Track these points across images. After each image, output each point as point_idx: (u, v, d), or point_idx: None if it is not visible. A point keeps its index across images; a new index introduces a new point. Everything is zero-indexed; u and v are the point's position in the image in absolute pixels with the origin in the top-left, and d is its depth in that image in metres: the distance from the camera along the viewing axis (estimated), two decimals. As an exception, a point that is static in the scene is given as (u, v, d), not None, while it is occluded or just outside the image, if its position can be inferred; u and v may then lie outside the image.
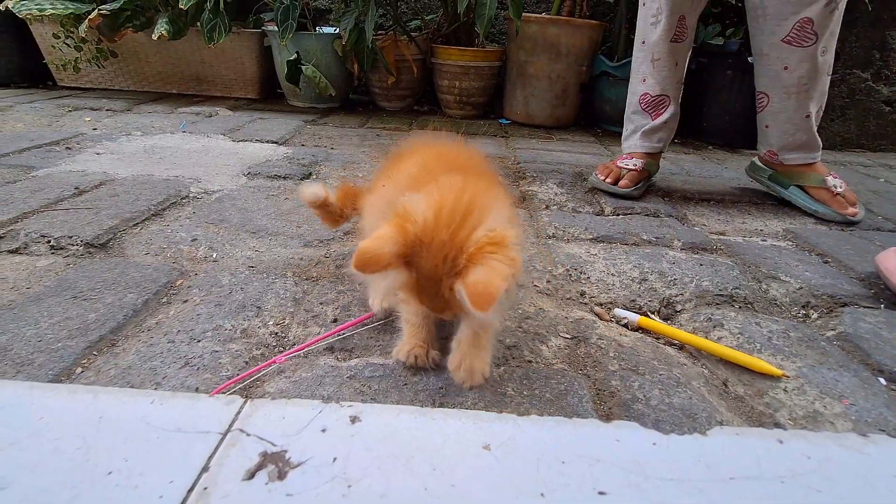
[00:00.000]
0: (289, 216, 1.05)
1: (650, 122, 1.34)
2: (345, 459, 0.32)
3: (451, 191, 0.49)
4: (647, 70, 1.30)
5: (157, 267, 0.81)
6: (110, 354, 0.60)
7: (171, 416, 0.35)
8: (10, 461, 0.31)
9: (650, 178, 1.39)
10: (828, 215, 1.25)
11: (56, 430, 0.33)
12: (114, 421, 0.35)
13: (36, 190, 1.08)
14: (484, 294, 0.39)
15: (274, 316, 0.69)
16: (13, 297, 0.71)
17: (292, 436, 0.34)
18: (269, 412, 0.36)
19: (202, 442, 0.33)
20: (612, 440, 0.36)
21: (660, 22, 1.24)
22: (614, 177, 1.32)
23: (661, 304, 0.85)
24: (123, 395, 0.38)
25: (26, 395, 0.37)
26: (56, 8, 2.01)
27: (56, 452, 0.31)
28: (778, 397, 0.62)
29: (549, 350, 0.66)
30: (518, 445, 0.34)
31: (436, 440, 0.34)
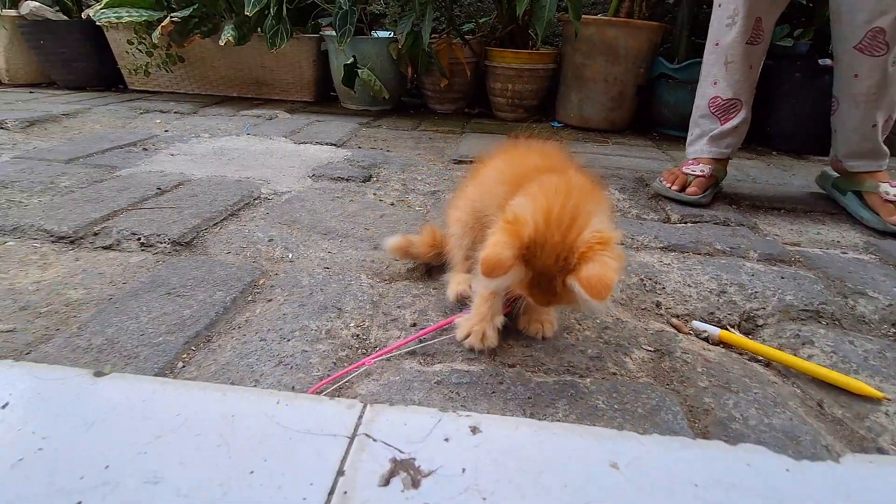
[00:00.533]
0: (355, 218, 1.07)
1: (719, 126, 1.29)
2: (474, 471, 0.32)
3: (557, 194, 0.52)
4: (718, 73, 1.26)
5: (240, 266, 0.84)
6: (208, 350, 0.63)
7: (298, 417, 0.37)
8: (160, 454, 0.33)
9: (718, 184, 1.34)
10: (871, 221, 1.20)
11: (195, 426, 0.35)
12: (245, 419, 0.36)
13: (122, 189, 1.15)
14: (599, 285, 0.45)
15: (354, 318, 0.71)
16: (112, 292, 0.76)
17: (417, 443, 0.34)
18: (390, 418, 0.37)
19: (332, 445, 0.34)
20: (743, 464, 0.35)
21: (736, 23, 1.20)
22: (681, 183, 1.29)
23: (741, 318, 0.82)
24: (250, 395, 0.40)
25: (161, 391, 0.39)
26: (132, 16, 2.13)
27: (200, 449, 0.33)
28: (879, 421, 0.59)
29: (633, 363, 0.64)
30: (646, 465, 0.34)
31: (561, 456, 0.34)
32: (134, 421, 0.36)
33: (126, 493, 0.30)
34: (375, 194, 1.24)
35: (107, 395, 0.39)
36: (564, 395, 0.56)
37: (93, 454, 0.33)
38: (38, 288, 0.78)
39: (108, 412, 0.37)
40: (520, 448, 0.34)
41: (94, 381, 0.40)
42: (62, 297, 0.76)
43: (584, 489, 0.31)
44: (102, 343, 0.64)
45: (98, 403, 0.38)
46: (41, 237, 0.94)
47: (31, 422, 0.35)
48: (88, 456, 0.33)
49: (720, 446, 0.38)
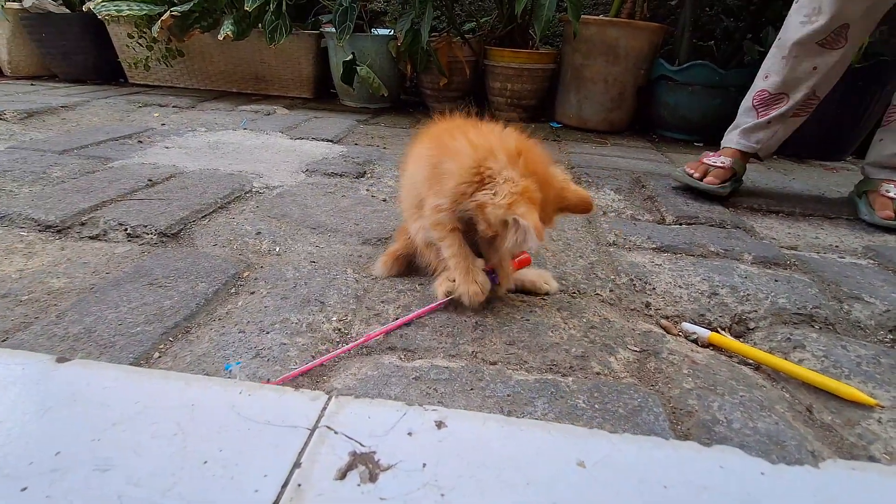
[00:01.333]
0: (346, 213, 1.06)
1: (754, 119, 1.29)
2: (435, 465, 0.31)
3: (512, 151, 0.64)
4: (773, 67, 1.23)
5: (226, 258, 0.83)
6: (185, 341, 0.62)
7: (260, 407, 0.36)
8: (114, 442, 0.32)
9: (737, 179, 1.34)
10: (861, 212, 1.24)
11: (153, 414, 0.34)
12: (205, 409, 0.35)
13: (113, 180, 1.14)
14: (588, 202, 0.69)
15: (337, 312, 0.70)
16: (95, 281, 0.75)
17: (380, 437, 0.33)
18: (354, 411, 0.36)
19: (292, 436, 0.33)
20: (716, 466, 0.34)
21: (814, 23, 1.15)
22: (702, 172, 1.31)
23: (732, 321, 0.80)
24: (213, 384, 0.39)
25: (124, 378, 0.38)
26: (132, 9, 2.13)
27: (155, 437, 0.32)
28: (871, 428, 0.57)
29: (617, 363, 0.63)
30: (615, 464, 0.32)
31: (527, 452, 0.33)
32: (91, 408, 0.35)
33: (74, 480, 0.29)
34: (368, 190, 1.23)
35: (67, 382, 0.38)
36: (544, 394, 0.55)
37: (45, 440, 0.32)
38: (21, 276, 0.77)
39: (66, 399, 0.36)
40: (485, 443, 0.33)
41: (55, 366, 0.40)
42: (44, 285, 0.75)
43: (548, 487, 0.30)
44: (79, 332, 0.63)
45: (57, 389, 0.37)
46: (28, 226, 0.93)
47: (-13, 407, 0.35)
48: (40, 442, 0.32)
49: (693, 447, 0.36)
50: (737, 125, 1.34)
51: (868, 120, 1.87)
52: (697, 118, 1.99)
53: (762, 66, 1.29)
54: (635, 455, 0.34)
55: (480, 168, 0.63)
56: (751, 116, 1.30)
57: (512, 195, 0.60)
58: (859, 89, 1.81)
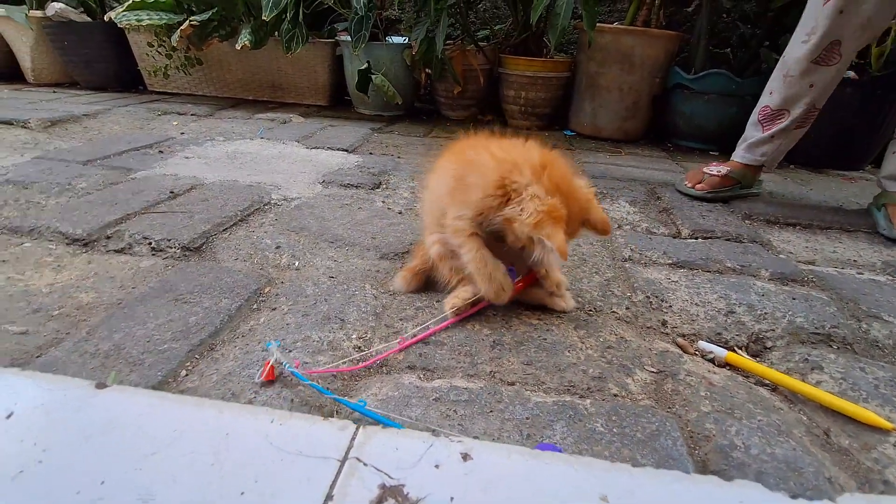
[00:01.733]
0: (363, 227, 1.08)
1: (759, 134, 1.35)
2: (461, 500, 0.32)
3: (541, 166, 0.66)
4: (776, 84, 1.30)
5: (247, 273, 0.85)
6: (211, 359, 0.64)
7: (291, 436, 0.37)
8: (153, 471, 0.34)
9: (738, 187, 1.40)
10: (880, 226, 1.25)
11: (190, 443, 0.36)
12: (239, 437, 0.37)
13: (136, 192, 1.17)
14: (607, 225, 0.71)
15: (357, 329, 0.72)
16: (122, 296, 0.78)
17: (407, 469, 0.34)
18: (382, 442, 0.37)
19: (323, 468, 0.34)
20: (737, 501, 0.35)
21: (809, 41, 1.21)
22: (696, 180, 1.40)
23: (749, 340, 0.80)
24: (245, 412, 0.41)
25: (159, 405, 0.40)
26: (152, 19, 2.18)
27: (192, 467, 0.34)
28: (887, 453, 0.57)
29: (634, 384, 0.64)
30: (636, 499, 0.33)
31: (551, 486, 0.34)
32: (131, 435, 0.37)
33: (121, 509, 0.31)
34: (384, 202, 1.24)
35: (106, 409, 0.40)
36: (563, 417, 0.55)
37: (90, 469, 0.34)
38: (51, 290, 0.80)
39: (106, 426, 0.38)
40: (510, 477, 0.34)
41: (94, 393, 0.41)
42: (74, 300, 0.78)
43: (572, 523, 0.31)
44: (109, 349, 0.65)
45: (97, 416, 0.39)
46: (56, 239, 0.96)
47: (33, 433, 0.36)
48: (85, 470, 0.34)
49: (714, 481, 0.37)
50: (744, 139, 1.40)
51: (887, 129, 1.84)
52: (713, 127, 1.98)
53: (768, 82, 1.34)
54: (656, 489, 0.35)
55: (505, 181, 0.64)
56: (757, 131, 1.37)
57: (538, 213, 0.61)
58: (878, 98, 1.78)
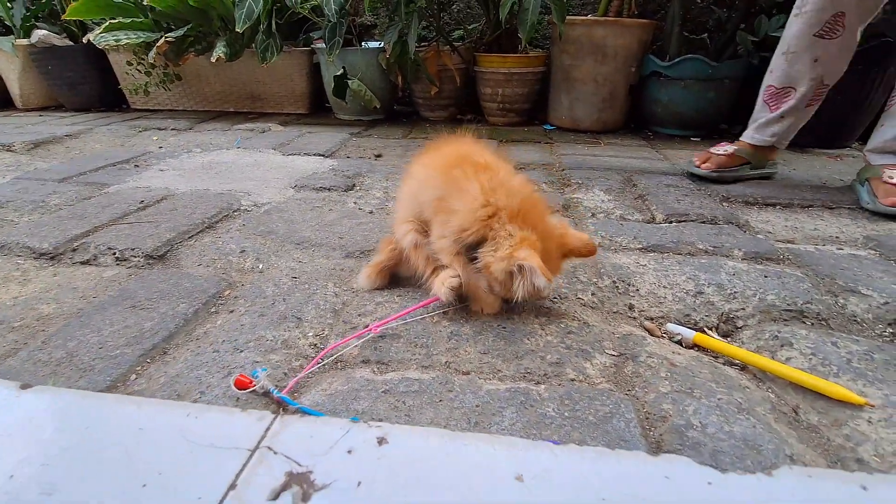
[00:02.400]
0: (332, 227, 1.07)
1: (767, 114, 1.35)
2: (370, 483, 0.31)
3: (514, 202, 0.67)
4: (777, 62, 1.30)
5: (208, 278, 0.84)
6: (161, 362, 0.62)
7: (206, 429, 0.36)
8: (60, 467, 0.33)
9: (748, 167, 1.40)
10: (863, 200, 1.23)
11: (103, 438, 0.35)
12: (153, 432, 0.36)
13: (106, 205, 1.17)
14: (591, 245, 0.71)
15: (314, 327, 0.70)
16: (82, 306, 0.77)
17: (318, 456, 0.33)
18: (297, 430, 0.36)
19: (232, 458, 0.33)
20: (661, 477, 0.33)
21: (804, 13, 1.20)
22: (702, 160, 1.41)
23: (719, 320, 0.79)
24: (163, 407, 0.40)
25: (79, 403, 0.39)
26: (129, 38, 2.19)
27: (101, 462, 0.33)
28: (860, 429, 0.55)
29: (593, 368, 0.62)
30: (554, 477, 0.32)
31: (465, 467, 0.32)
32: (46, 433, 0.36)
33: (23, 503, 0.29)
34: (356, 203, 1.24)
35: (25, 408, 0.39)
36: (514, 403, 0.54)
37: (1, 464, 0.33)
38: (14, 303, 0.79)
39: (22, 424, 0.37)
40: (424, 460, 0.33)
41: (18, 393, 0.40)
42: (35, 311, 0.77)
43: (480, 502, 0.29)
44: (62, 356, 0.64)
45: (15, 416, 0.38)
46: (25, 254, 0.95)
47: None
48: (-6, 468, 0.33)
49: (639, 457, 0.35)
50: (752, 120, 1.40)
51: (872, 105, 1.83)
52: (692, 113, 1.97)
53: (771, 62, 1.35)
54: (576, 467, 0.33)
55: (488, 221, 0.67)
56: (764, 111, 1.37)
57: (511, 246, 0.64)
58: (860, 73, 1.75)
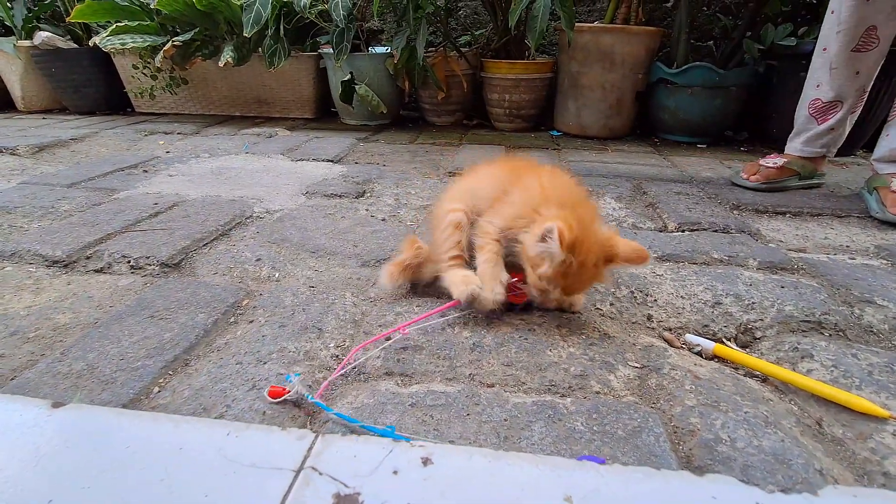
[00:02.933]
0: (346, 235, 1.07)
1: (816, 126, 1.39)
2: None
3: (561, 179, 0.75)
4: (822, 77, 1.34)
5: (225, 287, 0.84)
6: (184, 374, 0.62)
7: (246, 448, 0.36)
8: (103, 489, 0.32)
9: (797, 178, 1.43)
10: (872, 209, 1.25)
11: (142, 460, 0.35)
12: (193, 452, 0.36)
13: (118, 212, 1.17)
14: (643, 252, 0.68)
15: (335, 338, 0.70)
16: (99, 316, 0.77)
17: (364, 477, 0.33)
18: (340, 449, 0.36)
19: (277, 479, 0.33)
20: (709, 496, 0.33)
21: (841, 31, 1.26)
22: (750, 172, 1.44)
23: (737, 331, 0.79)
24: (201, 425, 0.39)
25: (115, 423, 0.39)
26: (136, 41, 2.19)
27: (142, 484, 0.32)
28: (885, 442, 0.55)
29: (617, 380, 0.62)
30: (602, 499, 0.32)
31: (512, 488, 0.32)
32: (83, 454, 0.35)
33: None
34: (367, 210, 1.24)
35: (60, 428, 0.38)
36: (542, 417, 0.54)
37: (39, 488, 0.33)
38: (29, 313, 0.79)
39: (59, 445, 0.36)
40: (471, 480, 0.33)
41: (50, 412, 0.40)
42: (51, 321, 0.76)
43: (534, 527, 0.29)
44: (82, 368, 0.64)
45: (51, 435, 0.37)
46: (37, 262, 0.95)
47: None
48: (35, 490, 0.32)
49: (685, 477, 0.35)
50: (798, 132, 1.44)
51: (878, 112, 1.84)
52: (699, 120, 1.98)
53: (810, 74, 1.38)
54: (623, 488, 0.33)
55: (537, 209, 0.70)
56: (811, 124, 1.40)
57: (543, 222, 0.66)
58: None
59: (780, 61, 1.95)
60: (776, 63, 1.98)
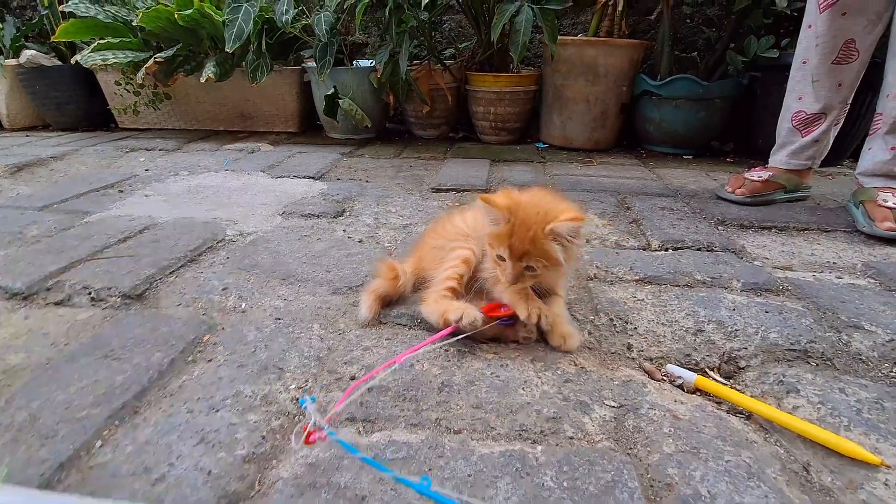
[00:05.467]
0: (319, 259, 1.03)
1: (800, 139, 1.38)
2: None
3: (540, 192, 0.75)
4: (804, 89, 1.34)
5: (187, 320, 0.80)
6: (131, 425, 0.58)
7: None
8: None
9: (782, 191, 1.41)
10: (859, 223, 1.23)
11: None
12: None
13: (86, 237, 1.13)
14: (575, 216, 0.67)
15: (296, 378, 0.66)
16: (52, 355, 0.73)
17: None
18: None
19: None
20: None
21: (820, 44, 1.25)
22: (735, 186, 1.42)
23: (720, 360, 0.76)
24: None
25: None
26: (118, 57, 2.16)
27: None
28: (877, 493, 0.51)
29: (592, 423, 0.59)
30: None
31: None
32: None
33: None
34: (345, 230, 1.20)
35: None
36: (509, 472, 0.50)
37: None
38: (-21, 352, 0.75)
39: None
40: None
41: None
42: (2, 362, 0.72)
43: None
44: (24, 420, 0.60)
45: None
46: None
47: None
48: None
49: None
50: (782, 145, 1.42)
51: (863, 123, 1.83)
52: (684, 131, 1.97)
53: (791, 86, 1.37)
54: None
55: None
56: (795, 136, 1.39)
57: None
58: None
59: (763, 73, 1.94)
60: (759, 75, 1.97)
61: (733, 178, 1.47)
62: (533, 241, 0.68)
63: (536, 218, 0.69)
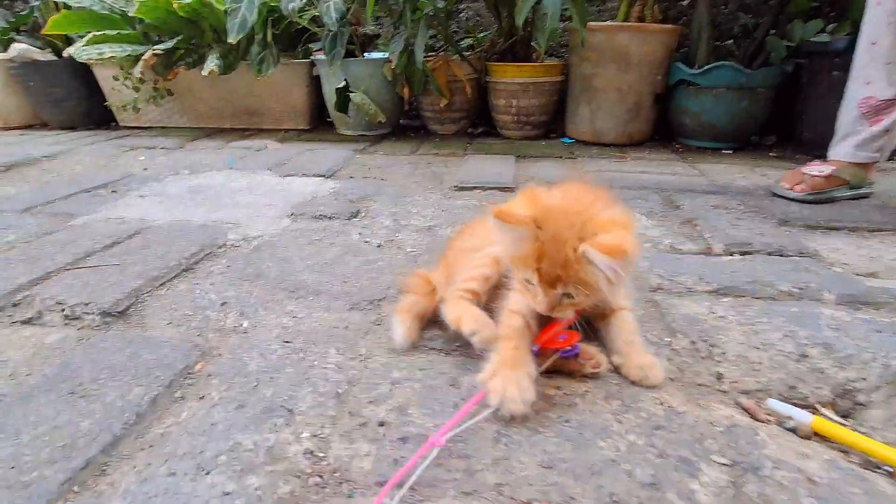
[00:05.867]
0: (333, 268, 0.89)
1: (867, 129, 1.24)
2: None
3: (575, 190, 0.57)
4: (875, 73, 1.19)
5: (177, 344, 0.66)
6: (93, 493, 0.44)
7: None
8: None
9: (846, 188, 1.27)
10: None
11: None
12: None
13: (68, 242, 1.00)
14: (616, 246, 0.48)
15: (310, 424, 0.52)
16: (7, 391, 0.59)
17: None
18: None
19: None
20: None
21: (893, 22, 1.12)
22: (793, 182, 1.28)
23: (834, 394, 0.61)
24: None
25: None
26: (114, 51, 2.04)
27: None
28: None
29: (704, 491, 0.44)
30: None
31: None
32: None
33: None
34: (360, 234, 1.06)
35: None
36: (610, 573, 0.36)
37: None
38: (-70, 383, 0.62)
39: None
40: None
41: None
42: (-55, 397, 0.59)
43: None
44: (-40, 481, 0.46)
45: None
46: (-43, 310, 0.78)
47: None
48: None
49: None
50: (846, 135, 1.28)
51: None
52: (724, 124, 1.81)
53: (856, 72, 1.24)
54: None
55: None
56: (862, 125, 1.25)
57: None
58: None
59: (811, 59, 1.78)
60: (805, 61, 1.81)
61: (790, 174, 1.32)
62: (565, 267, 0.51)
63: (570, 232, 0.51)
